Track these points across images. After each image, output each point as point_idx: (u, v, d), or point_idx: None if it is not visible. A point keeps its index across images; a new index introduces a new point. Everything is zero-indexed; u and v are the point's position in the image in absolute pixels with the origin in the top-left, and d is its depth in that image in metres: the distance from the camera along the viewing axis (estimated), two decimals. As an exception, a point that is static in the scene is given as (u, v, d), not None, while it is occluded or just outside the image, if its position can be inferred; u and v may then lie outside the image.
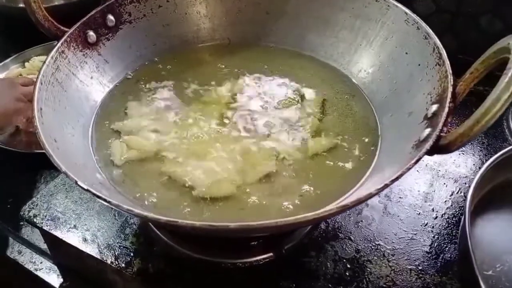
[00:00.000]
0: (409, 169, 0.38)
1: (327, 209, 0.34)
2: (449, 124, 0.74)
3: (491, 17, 0.85)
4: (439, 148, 0.40)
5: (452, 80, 0.45)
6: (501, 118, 0.76)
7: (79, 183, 0.37)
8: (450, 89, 0.44)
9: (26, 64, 0.95)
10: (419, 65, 0.52)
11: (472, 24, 0.87)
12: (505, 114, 0.76)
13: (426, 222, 0.58)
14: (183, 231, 0.51)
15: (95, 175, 0.48)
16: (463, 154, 0.69)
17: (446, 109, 0.42)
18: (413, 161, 0.38)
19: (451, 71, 0.46)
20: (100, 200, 0.37)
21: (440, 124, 0.40)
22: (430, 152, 0.40)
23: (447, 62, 0.47)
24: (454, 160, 0.68)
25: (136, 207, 0.43)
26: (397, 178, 0.37)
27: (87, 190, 0.37)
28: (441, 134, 0.40)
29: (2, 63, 0.95)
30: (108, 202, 0.36)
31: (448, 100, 0.43)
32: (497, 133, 0.74)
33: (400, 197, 0.61)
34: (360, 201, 0.36)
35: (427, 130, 0.42)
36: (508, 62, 0.37)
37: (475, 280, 0.41)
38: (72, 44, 0.55)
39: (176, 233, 0.54)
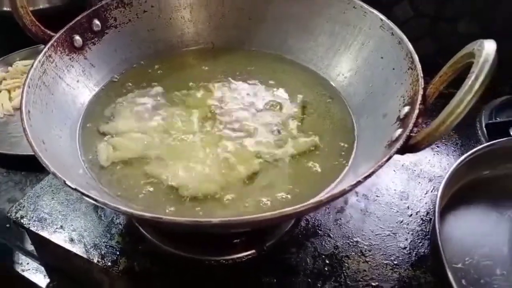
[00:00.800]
0: (380, 166, 0.40)
1: (303, 204, 0.36)
2: (424, 125, 0.77)
3: (468, 21, 0.89)
4: (409, 147, 0.42)
5: (422, 83, 0.47)
6: (474, 119, 0.79)
7: (67, 182, 0.39)
8: (421, 92, 0.46)
9: (10, 68, 0.96)
10: (393, 69, 0.54)
11: (450, 28, 0.90)
12: (478, 116, 0.80)
13: (401, 219, 0.61)
14: (167, 229, 0.53)
15: (83, 175, 0.49)
16: (437, 154, 0.72)
17: (417, 111, 0.44)
18: (384, 159, 0.40)
19: (422, 75, 0.48)
20: (88, 199, 0.38)
21: (410, 125, 0.43)
22: (400, 151, 0.43)
23: (419, 66, 0.50)
24: (429, 160, 0.71)
25: (122, 205, 0.45)
26: (369, 175, 0.39)
27: (75, 189, 0.38)
28: (411, 134, 0.43)
29: (-13, 66, 0.95)
30: (95, 200, 0.38)
31: (419, 102, 0.45)
32: (470, 134, 0.77)
33: (377, 196, 0.64)
34: (334, 197, 0.38)
35: (399, 131, 0.45)
36: (472, 66, 0.39)
37: (444, 272, 0.43)
38: (58, 48, 0.57)
39: (161, 232, 0.56)
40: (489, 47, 0.39)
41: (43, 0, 1.03)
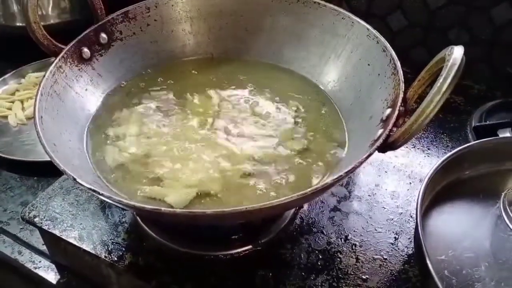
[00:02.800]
0: (361, 163, 0.44)
1: (288, 197, 0.40)
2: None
3: (458, 30, 0.93)
4: (388, 145, 0.46)
5: (403, 87, 0.51)
6: (465, 122, 0.83)
7: (76, 179, 0.43)
8: (401, 95, 0.50)
9: (23, 80, 1.00)
10: (378, 74, 0.58)
11: (441, 37, 0.94)
12: (469, 119, 0.83)
13: (392, 217, 0.64)
14: (168, 223, 0.56)
15: (90, 175, 0.54)
16: (428, 156, 0.75)
17: (397, 112, 0.48)
18: (364, 156, 0.44)
19: (403, 79, 0.52)
20: (94, 193, 0.42)
21: (390, 125, 0.46)
22: (381, 149, 0.46)
23: (400, 72, 0.53)
24: (420, 162, 0.74)
25: (125, 198, 0.49)
26: (350, 171, 0.43)
27: (82, 185, 0.43)
28: (390, 133, 0.46)
29: (1, 78, 1.00)
30: (101, 194, 0.42)
31: (399, 104, 0.49)
32: (461, 137, 0.80)
33: (369, 196, 0.67)
34: (317, 189, 0.41)
35: (380, 131, 0.48)
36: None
37: (425, 263, 0.47)
38: (68, 59, 0.61)
39: (164, 230, 0.60)
40: (457, 52, 0.42)
41: (54, 17, 1.08)
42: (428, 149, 0.77)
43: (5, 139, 0.87)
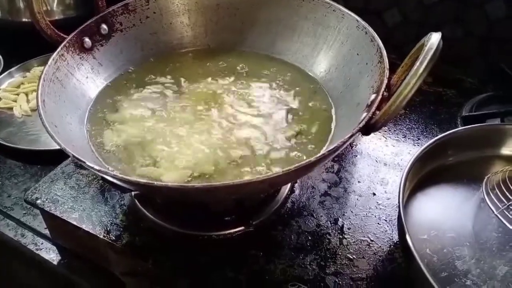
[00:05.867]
0: (344, 142, 0.46)
1: (274, 172, 0.43)
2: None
3: (452, 26, 0.95)
4: (370, 126, 0.48)
5: (387, 74, 0.53)
6: (455, 115, 0.85)
7: (75, 155, 0.45)
8: (385, 81, 0.52)
9: (27, 74, 1.03)
10: (366, 63, 0.60)
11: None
12: (459, 112, 0.85)
13: (380, 202, 0.67)
14: (162, 199, 0.59)
15: (89, 156, 0.56)
16: (418, 145, 0.78)
17: (380, 97, 0.50)
18: (347, 136, 0.46)
19: (388, 67, 0.55)
20: (91, 169, 0.45)
21: (373, 108, 0.49)
22: (365, 131, 0.49)
23: (386, 60, 0.56)
24: (410, 151, 0.76)
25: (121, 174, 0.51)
26: (333, 150, 0.46)
27: (81, 161, 0.45)
28: (373, 116, 0.49)
29: (7, 71, 1.03)
30: (98, 170, 0.44)
31: (382, 89, 0.51)
32: (450, 128, 0.81)
33: (359, 182, 0.70)
34: (301, 166, 0.44)
35: (364, 114, 0.51)
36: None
37: (405, 240, 0.49)
38: (70, 48, 0.64)
39: (160, 211, 0.63)
40: (435, 37, 0.45)
41: (59, 13, 1.11)
42: (418, 139, 0.79)
43: (10, 129, 0.91)
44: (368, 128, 0.48)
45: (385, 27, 1.02)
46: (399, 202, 0.53)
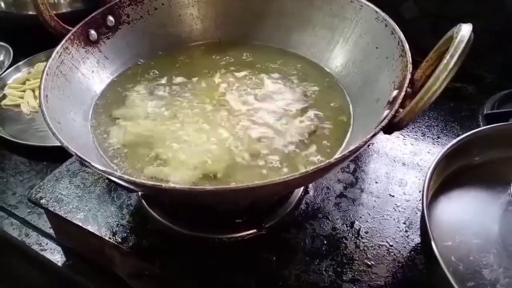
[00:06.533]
0: (365, 142, 0.43)
1: (290, 175, 0.39)
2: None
3: (470, 20, 0.91)
4: (394, 125, 0.45)
5: (410, 68, 0.50)
6: (476, 112, 0.81)
7: (78, 154, 0.43)
8: (409, 76, 0.49)
9: (32, 70, 1.02)
10: (386, 57, 0.57)
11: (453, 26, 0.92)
12: (480, 109, 0.81)
13: (399, 204, 0.63)
14: (170, 201, 0.56)
15: (94, 154, 0.54)
16: (438, 144, 0.74)
17: (403, 93, 0.47)
18: (369, 135, 0.43)
19: (411, 61, 0.51)
20: (95, 169, 0.42)
21: (397, 105, 0.45)
22: (387, 130, 0.45)
23: (409, 54, 0.52)
24: (430, 150, 0.73)
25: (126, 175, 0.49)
26: (354, 150, 0.42)
27: (85, 160, 0.42)
28: (396, 114, 0.45)
29: (15, 65, 1.02)
30: (102, 171, 0.42)
31: (406, 85, 0.48)
32: (472, 126, 0.78)
33: (376, 182, 0.66)
34: (319, 168, 0.41)
35: (386, 111, 0.47)
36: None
37: (431, 248, 0.46)
38: (75, 41, 0.61)
39: (168, 212, 0.60)
40: (465, 29, 0.41)
41: (65, 5, 1.09)
42: (438, 137, 0.76)
43: (19, 126, 0.89)
44: (391, 127, 0.45)
45: (401, 20, 0.98)
46: (422, 205, 0.49)
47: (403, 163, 0.70)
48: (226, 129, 0.59)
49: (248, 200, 0.52)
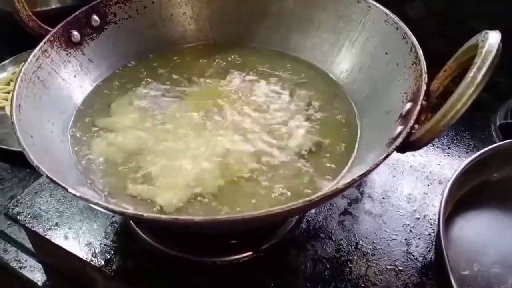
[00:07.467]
0: (377, 165, 0.38)
1: (292, 203, 0.34)
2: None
3: (479, 20, 0.86)
4: (409, 144, 0.40)
5: (426, 79, 0.45)
6: (489, 120, 0.76)
7: (49, 175, 0.38)
8: (424, 87, 0.44)
9: (16, 69, 0.96)
10: (397, 64, 0.52)
11: (461, 27, 0.87)
12: (493, 117, 0.77)
13: (407, 223, 0.58)
14: (159, 228, 0.51)
15: (72, 171, 0.49)
16: (448, 156, 0.69)
17: (419, 107, 0.42)
18: (381, 157, 0.38)
19: (426, 70, 0.46)
20: (68, 193, 0.37)
21: (411, 121, 0.41)
22: (401, 149, 0.40)
23: (423, 61, 0.47)
24: (440, 162, 0.68)
25: (106, 201, 0.44)
26: (364, 174, 0.37)
27: (55, 182, 0.37)
28: (412, 131, 0.40)
29: (1, 64, 0.96)
30: (78, 197, 0.36)
31: (421, 98, 0.43)
32: (484, 136, 0.73)
33: (383, 198, 0.61)
34: (326, 195, 0.36)
35: (400, 128, 0.42)
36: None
37: (448, 279, 0.41)
38: (55, 43, 0.56)
39: (156, 233, 0.55)
40: (493, 37, 0.36)
41: (55, 1, 1.03)
42: (449, 148, 0.71)
43: (3, 130, 0.83)
44: (406, 146, 0.40)
45: (406, 21, 0.94)
46: (438, 231, 0.44)
47: (411, 176, 0.65)
48: (220, 142, 0.54)
49: (242, 229, 0.47)
